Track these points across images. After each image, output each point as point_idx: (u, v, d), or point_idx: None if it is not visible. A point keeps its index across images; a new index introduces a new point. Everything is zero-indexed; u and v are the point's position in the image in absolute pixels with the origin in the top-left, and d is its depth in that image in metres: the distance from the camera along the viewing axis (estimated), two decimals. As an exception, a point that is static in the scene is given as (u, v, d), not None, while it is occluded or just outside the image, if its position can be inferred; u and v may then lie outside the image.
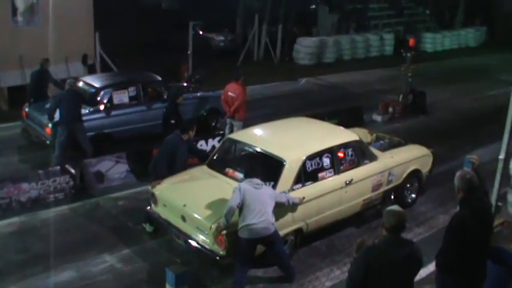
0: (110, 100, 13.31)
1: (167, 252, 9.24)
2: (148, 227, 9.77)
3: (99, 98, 13.18)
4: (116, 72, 18.34)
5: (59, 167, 11.16)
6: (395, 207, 5.59)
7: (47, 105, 12.75)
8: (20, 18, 17.01)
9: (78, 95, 12.59)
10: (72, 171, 11.17)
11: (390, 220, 5.38)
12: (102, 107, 13.14)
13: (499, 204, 9.24)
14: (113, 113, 13.29)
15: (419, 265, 5.61)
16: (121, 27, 25.44)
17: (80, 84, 13.68)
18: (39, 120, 12.97)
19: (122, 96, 13.52)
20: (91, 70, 18.33)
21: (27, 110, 13.63)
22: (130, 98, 13.69)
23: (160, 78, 14.69)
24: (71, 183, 11.11)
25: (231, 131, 12.65)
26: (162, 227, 9.38)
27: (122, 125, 13.34)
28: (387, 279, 5.33)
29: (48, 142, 12.62)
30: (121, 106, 13.47)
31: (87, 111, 12.87)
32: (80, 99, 12.55)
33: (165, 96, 14.06)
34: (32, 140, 13.62)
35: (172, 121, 11.85)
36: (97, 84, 13.54)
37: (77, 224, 10.16)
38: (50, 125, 12.39)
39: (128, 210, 10.71)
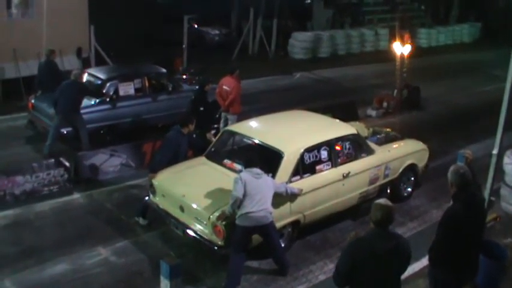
0: (116, 92, 13.34)
1: (161, 245, 9.25)
2: (141, 221, 9.76)
3: (105, 90, 13.20)
4: (122, 64, 18.28)
5: (53, 160, 11.13)
6: (383, 200, 5.55)
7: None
8: (14, 10, 16.90)
9: (81, 87, 12.65)
10: (67, 164, 11.16)
11: (376, 214, 5.37)
12: (108, 99, 13.18)
13: (492, 199, 9.27)
14: (119, 104, 13.32)
15: (407, 259, 5.56)
16: (115, 20, 25.31)
17: (86, 75, 13.70)
18: (46, 112, 12.90)
19: (127, 88, 13.55)
20: (85, 63, 18.25)
21: (33, 101, 13.54)
22: (136, 90, 13.73)
23: (165, 71, 14.77)
24: (65, 176, 11.08)
25: (226, 125, 12.65)
26: (156, 219, 9.40)
27: (127, 117, 13.42)
28: (370, 272, 5.32)
29: None
30: (127, 98, 13.50)
31: (92, 102, 12.91)
32: (83, 91, 12.59)
33: (170, 88, 14.26)
34: (39, 131, 13.47)
35: (201, 108, 12.26)
36: (103, 76, 13.53)
37: (71, 217, 10.15)
38: None
39: (122, 203, 10.69)
